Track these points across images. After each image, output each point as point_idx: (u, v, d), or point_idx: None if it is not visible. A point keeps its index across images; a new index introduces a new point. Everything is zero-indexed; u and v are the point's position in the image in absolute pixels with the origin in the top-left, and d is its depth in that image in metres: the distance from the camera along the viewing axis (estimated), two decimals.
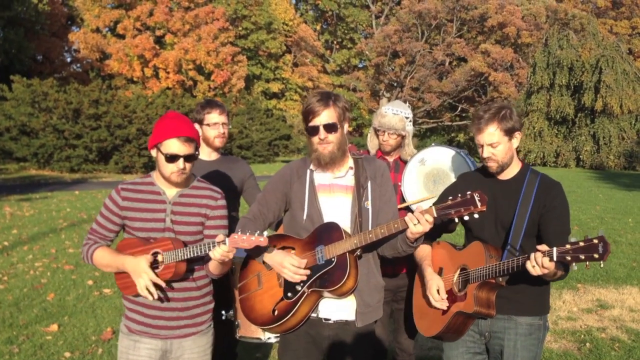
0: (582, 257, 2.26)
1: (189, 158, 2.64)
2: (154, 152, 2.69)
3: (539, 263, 2.37)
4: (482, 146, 2.74)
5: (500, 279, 2.65)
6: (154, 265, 2.63)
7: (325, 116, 2.76)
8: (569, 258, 2.29)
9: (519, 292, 2.76)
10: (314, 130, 2.77)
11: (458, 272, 2.78)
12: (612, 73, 34.40)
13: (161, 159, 2.64)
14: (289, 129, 36.27)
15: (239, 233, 2.55)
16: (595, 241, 2.23)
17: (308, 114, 2.79)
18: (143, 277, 2.56)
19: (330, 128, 2.76)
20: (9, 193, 15.87)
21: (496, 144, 2.71)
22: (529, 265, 2.41)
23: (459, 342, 2.89)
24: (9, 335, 5.26)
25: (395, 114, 3.63)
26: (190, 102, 27.38)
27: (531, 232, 2.73)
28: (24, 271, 7.58)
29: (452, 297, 2.80)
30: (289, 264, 2.68)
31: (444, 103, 47.18)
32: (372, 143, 3.83)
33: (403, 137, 3.71)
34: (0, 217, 11.84)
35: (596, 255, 2.22)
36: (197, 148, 2.71)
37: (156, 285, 2.62)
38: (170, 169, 2.63)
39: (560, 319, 5.97)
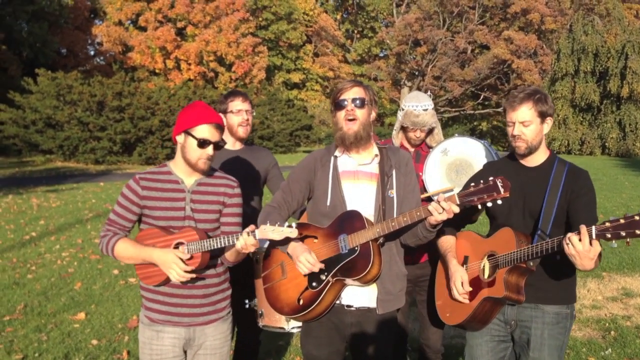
0: (623, 233, 2.22)
1: (217, 145, 2.70)
2: (180, 138, 2.71)
3: (573, 242, 2.30)
4: (513, 124, 2.72)
5: (532, 263, 2.62)
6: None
7: (355, 92, 2.78)
8: (609, 235, 2.25)
9: (546, 281, 2.73)
10: (342, 104, 2.77)
11: (486, 258, 2.76)
12: (639, 59, 33.69)
13: (191, 144, 2.67)
14: (310, 119, 36.19)
15: (268, 224, 2.57)
16: (637, 217, 2.19)
17: (338, 91, 2.80)
18: (174, 268, 2.59)
19: (358, 103, 2.76)
20: (35, 185, 16.17)
21: (528, 122, 2.70)
22: (573, 242, 2.31)
23: (483, 331, 2.87)
24: (38, 323, 5.38)
25: (425, 110, 3.60)
26: (212, 93, 27.51)
27: (560, 221, 2.70)
28: (51, 261, 7.74)
29: (479, 283, 2.77)
30: (304, 260, 2.67)
31: (466, 91, 46.68)
32: (397, 140, 3.78)
33: (433, 128, 3.71)
34: (27, 208, 12.08)
35: (638, 232, 2.18)
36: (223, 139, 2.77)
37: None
38: (199, 154, 2.67)
39: (584, 308, 5.91)
